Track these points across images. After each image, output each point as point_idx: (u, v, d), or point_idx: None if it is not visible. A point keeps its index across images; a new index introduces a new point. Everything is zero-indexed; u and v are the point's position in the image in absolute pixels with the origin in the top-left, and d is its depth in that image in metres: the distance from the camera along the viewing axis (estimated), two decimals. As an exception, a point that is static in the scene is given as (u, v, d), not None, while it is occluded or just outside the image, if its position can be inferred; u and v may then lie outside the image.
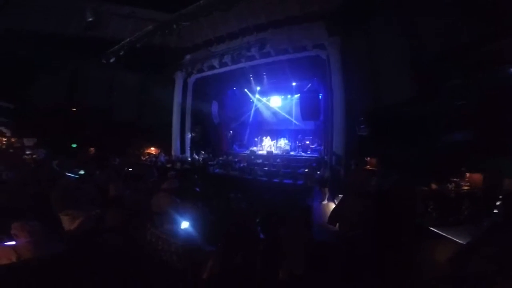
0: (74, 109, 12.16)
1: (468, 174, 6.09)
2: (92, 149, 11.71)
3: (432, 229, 4.50)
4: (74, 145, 11.54)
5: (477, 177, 5.91)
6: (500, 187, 4.68)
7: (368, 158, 9.22)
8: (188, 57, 12.96)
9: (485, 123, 5.41)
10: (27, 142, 9.99)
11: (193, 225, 3.23)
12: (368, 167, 9.13)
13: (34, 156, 8.42)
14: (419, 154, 6.44)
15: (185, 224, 3.12)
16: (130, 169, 8.36)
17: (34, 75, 11.08)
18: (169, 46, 12.51)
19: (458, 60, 5.94)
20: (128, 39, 8.50)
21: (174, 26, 7.41)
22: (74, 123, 11.74)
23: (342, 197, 6.07)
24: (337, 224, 5.65)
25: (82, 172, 5.32)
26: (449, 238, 3.89)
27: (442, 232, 4.13)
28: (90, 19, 7.19)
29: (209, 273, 3.22)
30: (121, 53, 8.69)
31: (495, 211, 3.88)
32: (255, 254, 3.51)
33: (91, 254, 3.10)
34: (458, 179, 6.06)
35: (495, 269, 2.07)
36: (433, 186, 5.74)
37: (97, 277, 2.91)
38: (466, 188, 5.96)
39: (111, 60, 8.92)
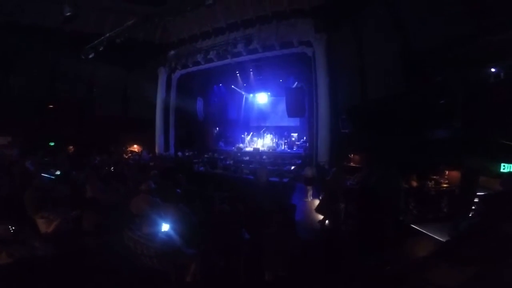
0: (52, 105, 11.66)
1: (447, 172, 6.26)
2: (71, 147, 11.28)
3: (413, 226, 4.60)
4: (52, 143, 11.09)
5: (455, 174, 6.07)
6: (476, 184, 4.83)
7: (352, 155, 9.32)
8: (172, 52, 12.68)
9: (464, 121, 5.55)
10: (1, 140, 9.51)
11: (174, 227, 3.14)
12: (352, 163, 9.24)
13: (7, 155, 8.03)
14: (401, 151, 6.54)
15: (165, 227, 3.04)
16: (112, 168, 8.13)
17: (10, 70, 10.56)
18: (152, 41, 12.23)
19: (444, 57, 6.03)
20: (107, 34, 8.18)
21: (156, 20, 7.18)
22: (52, 120, 11.26)
23: (321, 196, 6.19)
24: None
25: (58, 172, 5.10)
26: (428, 235, 3.99)
27: (421, 229, 4.23)
28: (69, 14, 6.83)
29: (192, 277, 3.16)
30: (100, 48, 8.36)
31: (472, 209, 3.99)
32: (239, 256, 3.47)
33: (68, 258, 2.99)
34: (438, 177, 6.22)
35: (474, 269, 2.09)
36: (414, 183, 5.87)
37: (74, 282, 2.81)
38: (445, 185, 6.11)
39: (90, 56, 8.57)
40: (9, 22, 9.41)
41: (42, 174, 4.89)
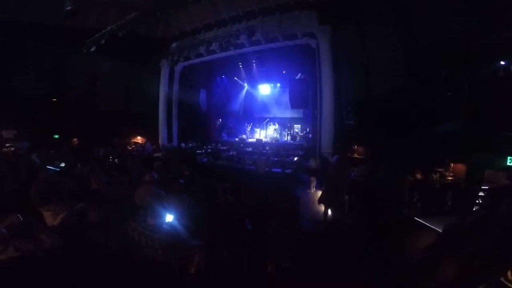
0: (55, 99, 11.70)
1: (452, 165, 6.21)
2: (75, 140, 11.36)
3: (417, 219, 4.59)
4: (56, 136, 11.18)
5: (461, 167, 6.01)
6: (481, 178, 4.79)
7: (356, 146, 9.30)
8: (174, 45, 12.59)
9: (469, 116, 5.49)
10: (7, 134, 9.60)
11: (178, 218, 3.16)
12: (355, 155, 9.23)
13: (13, 148, 8.10)
14: (406, 144, 6.51)
15: (169, 218, 3.05)
16: (117, 160, 8.18)
17: (14, 65, 10.58)
18: (154, 34, 12.16)
19: (449, 52, 5.95)
20: (109, 27, 8.14)
21: (158, 14, 7.10)
22: (56, 113, 11.31)
23: (324, 187, 6.17)
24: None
25: (63, 164, 5.13)
26: (432, 228, 3.97)
27: (426, 222, 4.21)
28: (69, 8, 6.82)
29: (196, 268, 3.20)
30: (102, 42, 8.33)
31: (477, 202, 3.95)
32: (242, 248, 3.50)
33: (74, 251, 3.03)
34: (443, 170, 6.17)
35: (478, 264, 2.08)
36: (418, 176, 5.83)
37: (81, 275, 2.86)
38: (450, 178, 6.06)
39: (92, 49, 8.56)
40: (12, 19, 9.40)
41: (48, 167, 4.93)
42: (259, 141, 13.63)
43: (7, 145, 8.79)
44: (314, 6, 9.38)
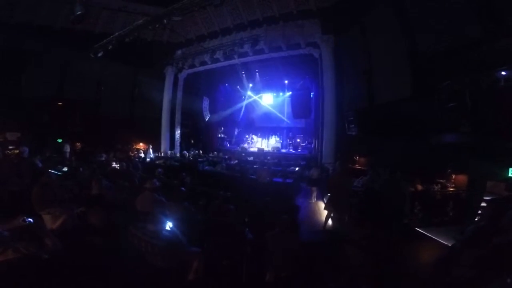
0: (60, 103, 11.83)
1: (453, 176, 6.18)
2: (78, 144, 11.43)
3: (418, 229, 4.56)
4: (60, 140, 11.26)
5: (462, 178, 6.00)
6: (483, 189, 4.76)
7: (357, 157, 9.28)
8: (179, 52, 12.78)
9: (472, 126, 5.48)
10: (10, 136, 9.68)
11: (178, 225, 3.16)
12: (357, 166, 9.20)
13: (16, 151, 8.15)
14: (407, 154, 6.49)
15: (169, 224, 3.06)
16: (118, 166, 8.18)
17: (20, 68, 10.75)
18: (160, 41, 12.36)
19: (451, 62, 5.98)
20: (117, 33, 8.30)
21: (165, 20, 7.24)
22: (60, 117, 11.41)
23: (328, 196, 6.15)
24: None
25: (65, 168, 5.16)
26: (433, 238, 3.94)
27: (427, 232, 4.19)
28: (79, 13, 6.96)
29: (194, 275, 3.18)
30: (109, 47, 8.48)
31: (478, 213, 3.93)
32: (241, 256, 3.48)
33: (73, 255, 3.02)
34: (444, 181, 6.15)
35: (479, 272, 2.07)
36: (419, 187, 5.81)
37: (78, 279, 2.84)
38: (451, 189, 6.04)
39: (99, 54, 8.70)
40: (20, 23, 9.59)
41: (50, 171, 4.96)
42: (260, 150, 13.63)
43: (10, 147, 8.85)
44: (318, 16, 9.53)
